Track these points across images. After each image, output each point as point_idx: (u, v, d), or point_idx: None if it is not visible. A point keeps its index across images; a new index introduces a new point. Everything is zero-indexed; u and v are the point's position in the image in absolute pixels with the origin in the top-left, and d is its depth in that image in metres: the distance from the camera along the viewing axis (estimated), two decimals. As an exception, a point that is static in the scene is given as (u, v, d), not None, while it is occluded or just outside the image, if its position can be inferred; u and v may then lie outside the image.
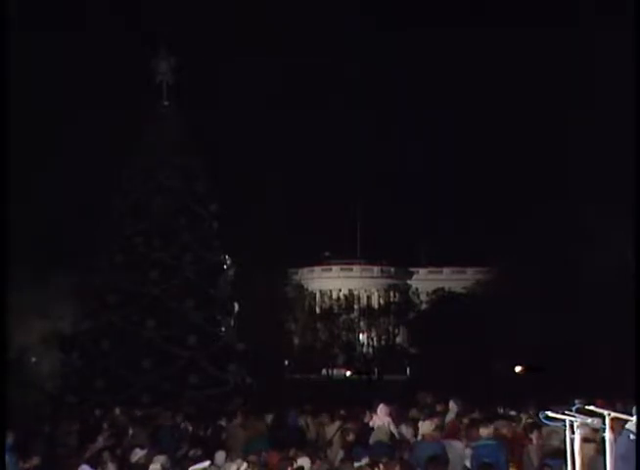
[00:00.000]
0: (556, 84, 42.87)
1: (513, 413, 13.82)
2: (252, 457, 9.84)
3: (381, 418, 13.25)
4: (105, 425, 14.70)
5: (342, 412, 15.42)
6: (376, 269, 75.61)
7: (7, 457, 9.69)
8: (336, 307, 64.06)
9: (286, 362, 54.60)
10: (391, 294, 68.75)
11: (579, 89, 34.44)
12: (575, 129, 34.07)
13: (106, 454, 10.79)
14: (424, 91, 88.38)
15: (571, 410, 6.02)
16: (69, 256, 29.32)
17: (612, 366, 26.45)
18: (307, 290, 66.68)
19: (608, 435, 5.69)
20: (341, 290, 68.75)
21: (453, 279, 70.33)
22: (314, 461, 9.77)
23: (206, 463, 9.13)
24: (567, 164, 35.51)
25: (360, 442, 11.70)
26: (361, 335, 63.98)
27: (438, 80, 74.32)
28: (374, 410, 13.82)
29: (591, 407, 5.92)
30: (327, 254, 75.41)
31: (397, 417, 13.66)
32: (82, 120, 39.44)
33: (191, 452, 11.25)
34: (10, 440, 10.89)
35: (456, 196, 68.12)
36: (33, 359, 30.78)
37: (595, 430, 6.54)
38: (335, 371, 60.00)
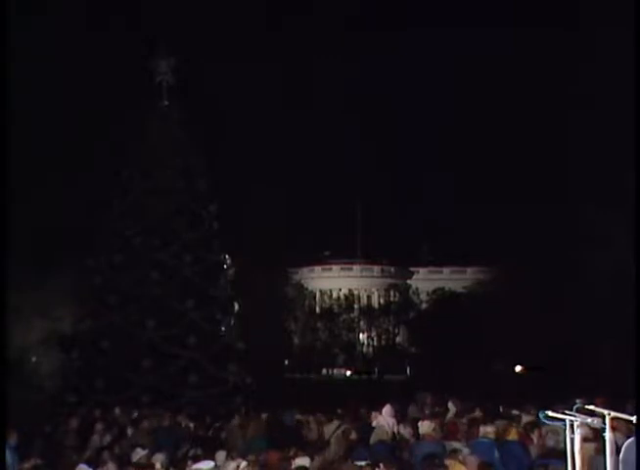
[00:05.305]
0: (555, 84, 42.86)
1: (513, 413, 13.81)
2: (252, 457, 9.85)
3: (385, 418, 13.29)
4: (105, 425, 14.72)
5: (341, 412, 15.47)
6: (376, 269, 75.68)
7: (8, 457, 9.70)
8: (336, 307, 64.19)
9: (286, 362, 54.64)
10: (391, 294, 68.89)
11: (579, 89, 34.42)
12: (575, 130, 34.07)
13: (106, 454, 10.82)
14: (424, 92, 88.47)
15: (572, 410, 6.02)
16: (69, 256, 29.27)
17: (612, 366, 26.47)
18: (307, 289, 66.84)
19: (608, 435, 5.68)
20: (341, 289, 68.87)
21: (453, 279, 70.45)
22: (314, 461, 9.79)
23: (211, 464, 9.13)
24: (567, 165, 35.51)
25: (361, 441, 11.72)
26: (361, 335, 64.09)
27: (439, 80, 74.40)
28: (375, 410, 13.85)
29: (591, 407, 5.92)
30: (327, 253, 75.49)
31: (398, 417, 13.70)
32: (82, 120, 39.41)
33: (191, 452, 11.25)
34: (13, 440, 10.90)
35: (456, 196, 68.12)
36: (33, 359, 30.77)
37: (595, 429, 6.53)
38: (335, 371, 60.08)
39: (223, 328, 24.73)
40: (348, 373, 57.89)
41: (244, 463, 9.31)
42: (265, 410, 16.37)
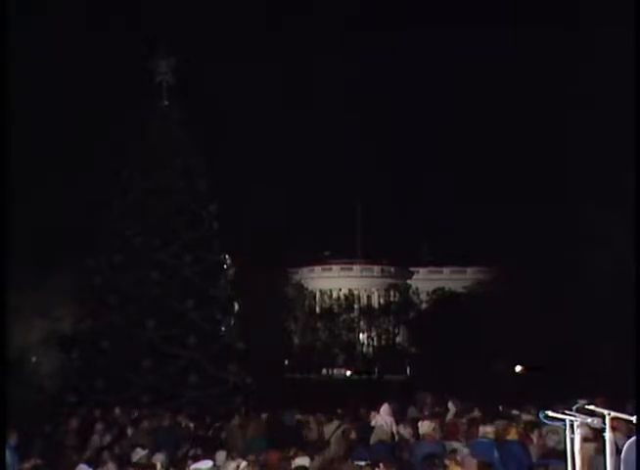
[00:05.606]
0: (555, 84, 42.85)
1: (513, 413, 13.80)
2: (252, 457, 9.85)
3: (383, 418, 13.28)
4: (105, 425, 14.72)
5: (341, 412, 15.46)
6: (376, 269, 75.68)
7: (8, 457, 9.70)
8: (336, 307, 64.20)
9: (286, 362, 54.64)
10: (391, 294, 68.90)
11: (579, 89, 34.40)
12: (576, 130, 34.04)
13: (106, 454, 10.82)
14: (424, 92, 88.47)
15: (572, 410, 6.01)
16: (69, 256, 29.27)
17: (612, 366, 26.47)
18: (307, 289, 66.85)
19: (608, 435, 5.68)
20: (341, 289, 68.87)
21: (453, 279, 70.45)
22: (314, 461, 9.78)
23: (210, 464, 9.13)
24: (567, 165, 35.49)
25: (361, 441, 11.72)
26: (361, 335, 64.09)
27: (439, 80, 74.45)
28: (375, 410, 13.85)
29: (591, 407, 5.92)
30: (327, 253, 75.49)
31: (397, 417, 13.70)
32: (82, 120, 39.41)
33: (191, 452, 11.25)
34: (13, 440, 10.90)
35: (456, 196, 68.12)
36: (33, 359, 30.76)
37: (595, 429, 6.52)
38: (335, 371, 60.08)
39: (223, 328, 24.72)
40: (348, 373, 57.88)
41: (244, 463, 9.31)
42: (265, 410, 16.37)
